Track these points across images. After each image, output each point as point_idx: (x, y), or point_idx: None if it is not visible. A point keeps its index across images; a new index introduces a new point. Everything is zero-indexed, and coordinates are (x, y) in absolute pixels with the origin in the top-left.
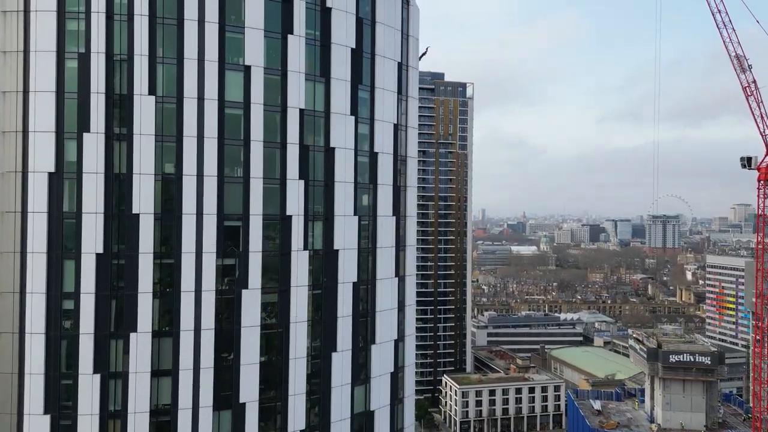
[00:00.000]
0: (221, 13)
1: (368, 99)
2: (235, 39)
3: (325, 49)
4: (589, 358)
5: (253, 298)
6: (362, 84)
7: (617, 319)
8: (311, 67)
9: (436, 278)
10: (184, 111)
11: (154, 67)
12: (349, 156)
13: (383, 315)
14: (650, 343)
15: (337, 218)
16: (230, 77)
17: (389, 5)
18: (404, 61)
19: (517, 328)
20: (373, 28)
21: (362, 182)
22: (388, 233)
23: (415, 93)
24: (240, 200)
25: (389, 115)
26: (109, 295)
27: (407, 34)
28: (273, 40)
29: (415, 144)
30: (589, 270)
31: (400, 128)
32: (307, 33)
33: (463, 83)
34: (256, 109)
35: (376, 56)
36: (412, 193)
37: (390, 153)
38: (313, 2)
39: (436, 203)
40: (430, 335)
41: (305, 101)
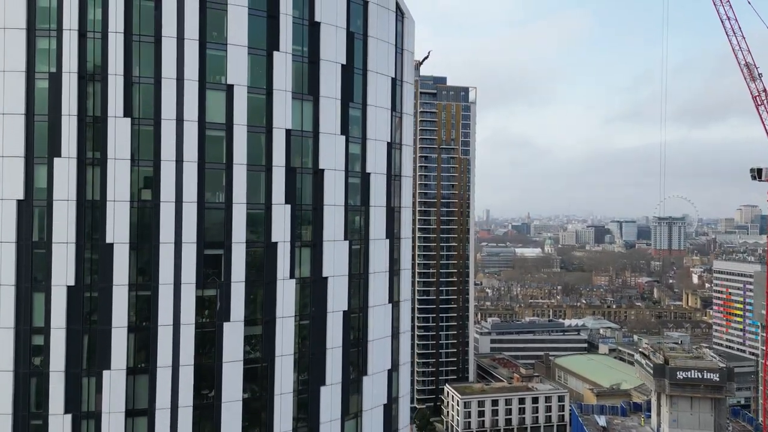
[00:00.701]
0: (202, 29)
1: (360, 117)
2: (216, 57)
3: (313, 66)
4: (594, 367)
5: (236, 330)
6: (353, 102)
7: (622, 325)
8: (299, 85)
9: (438, 285)
10: (162, 133)
11: (129, 87)
12: (340, 178)
13: (376, 344)
14: (657, 359)
15: (326, 244)
16: (212, 97)
17: (382, 19)
18: (398, 77)
19: (521, 334)
20: (365, 42)
21: (353, 204)
22: (381, 257)
23: (410, 109)
24: (222, 227)
25: (382, 133)
26: (81, 329)
27: (401, 48)
28: (258, 57)
29: (410, 162)
30: (593, 273)
31: (394, 146)
32: (294, 49)
33: (465, 87)
34: (240, 131)
35: (368, 72)
36: (406, 213)
37: (383, 173)
38: (300, 17)
39: (438, 209)
40: (433, 343)
41: (292, 121)
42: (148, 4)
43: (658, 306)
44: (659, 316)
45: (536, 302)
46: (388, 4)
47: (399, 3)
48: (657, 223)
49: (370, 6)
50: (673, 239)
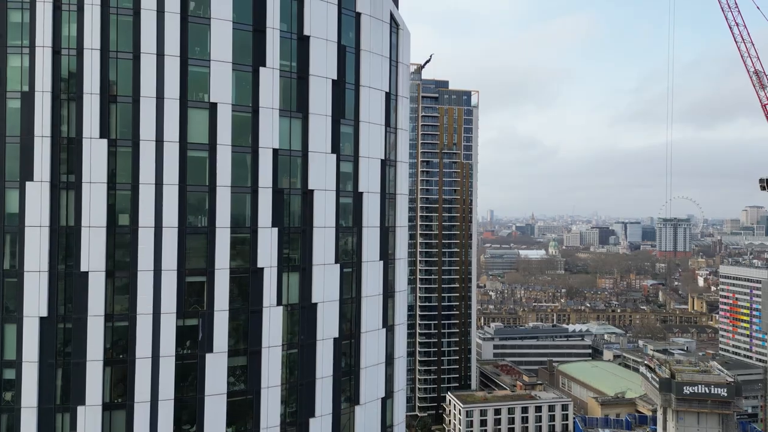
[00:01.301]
0: (183, 45)
1: (352, 134)
2: (199, 74)
3: (302, 82)
4: (599, 374)
5: (219, 362)
6: (345, 118)
7: (627, 330)
8: (287, 102)
9: (441, 292)
10: (141, 155)
11: (106, 106)
12: (330, 198)
13: (369, 371)
14: (663, 373)
15: (315, 268)
16: (194, 116)
17: (376, 31)
18: (393, 91)
19: (525, 340)
20: (357, 56)
21: (345, 225)
22: (374, 280)
23: (406, 124)
24: (204, 253)
25: (376, 150)
26: (55, 363)
27: (396, 61)
28: (243, 73)
29: (405, 179)
30: (598, 275)
31: (388, 164)
32: (282, 65)
33: (467, 91)
34: (223, 151)
35: (360, 87)
36: (402, 233)
37: (377, 192)
38: (288, 31)
39: (440, 214)
40: (434, 350)
41: (280, 140)
42: (126, 19)
43: (664, 310)
44: (664, 320)
45: (540, 306)
46: (382, 15)
47: (394, 14)
48: (662, 224)
49: (363, 18)
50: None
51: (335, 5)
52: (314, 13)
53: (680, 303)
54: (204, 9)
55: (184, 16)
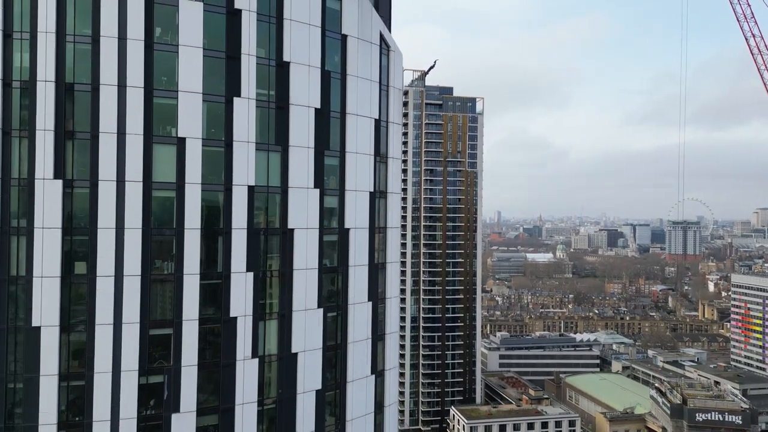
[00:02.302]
0: (148, 75)
1: (337, 166)
2: (165, 106)
3: (281, 112)
4: (607, 388)
5: (186, 423)
6: (329, 149)
7: (636, 339)
8: (264, 134)
9: (445, 303)
10: (99, 197)
11: (61, 144)
12: (313, 237)
13: (355, 423)
14: (674, 398)
15: (296, 314)
16: (159, 153)
17: (364, 54)
18: (383, 117)
19: (531, 350)
20: (343, 82)
21: (329, 266)
22: (362, 323)
23: (398, 152)
24: (170, 302)
25: (364, 182)
26: (4, 427)
27: (387, 85)
28: (215, 104)
29: (397, 211)
30: (606, 280)
31: (378, 196)
32: (259, 94)
33: (472, 98)
34: (192, 191)
35: (347, 115)
36: (394, 269)
37: (365, 227)
38: (266, 57)
39: (444, 224)
40: (438, 363)
41: (256, 176)
42: (83, 47)
43: (673, 317)
44: (674, 328)
45: (547, 312)
46: (371, 37)
47: (384, 35)
48: (672, 227)
49: (350, 41)
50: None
51: (318, 28)
52: (295, 37)
53: (690, 309)
54: (171, 35)
55: (149, 43)
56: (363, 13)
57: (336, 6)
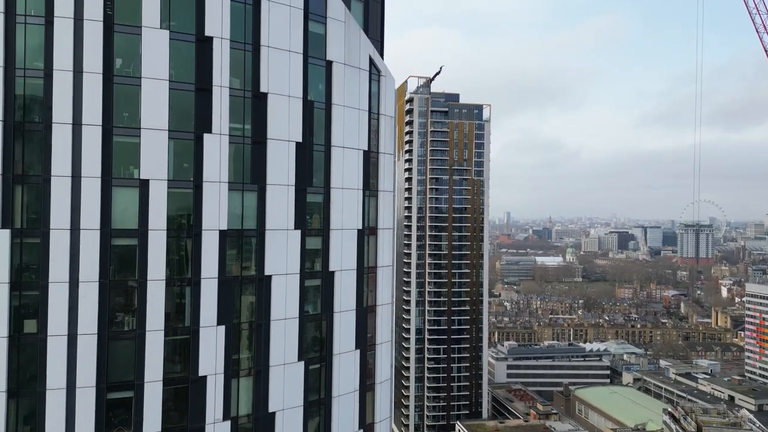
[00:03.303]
0: (107, 111)
1: (321, 204)
2: (126, 145)
3: (258, 148)
4: (617, 401)
5: None
6: (312, 186)
7: (648, 348)
8: (239, 172)
9: (450, 314)
10: (51, 248)
11: (9, 190)
12: (293, 283)
13: None
14: (688, 425)
15: (273, 369)
16: (120, 196)
17: (351, 81)
18: (373, 148)
19: (539, 360)
20: (327, 112)
21: (312, 313)
22: (348, 374)
23: (390, 184)
24: (131, 363)
25: (351, 220)
26: None
27: (377, 113)
28: (183, 142)
29: (389, 247)
30: (617, 284)
31: (368, 233)
32: (233, 129)
33: (479, 105)
34: (157, 238)
35: (332, 148)
36: (385, 312)
37: (352, 268)
38: (241, 88)
39: (450, 234)
40: (444, 376)
41: (229, 219)
42: (35, 81)
43: (686, 323)
44: (687, 337)
45: (556, 318)
46: (359, 62)
47: (374, 59)
48: (684, 230)
49: (335, 67)
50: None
51: (300, 54)
52: (273, 66)
53: (703, 316)
54: (134, 67)
55: (108, 76)
56: (350, 36)
57: (320, 30)
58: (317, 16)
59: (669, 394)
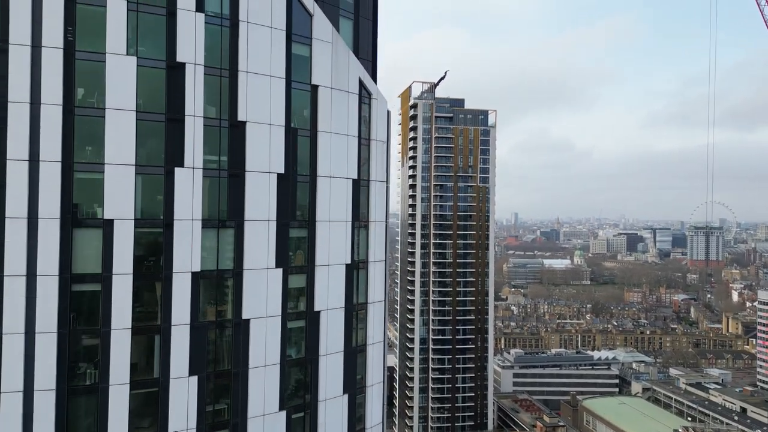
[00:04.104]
0: (67, 146)
1: (306, 238)
2: (89, 182)
3: (236, 181)
4: (626, 413)
5: None
6: (296, 219)
7: (657, 355)
8: (213, 208)
9: (455, 324)
10: (5, 296)
11: None
12: (274, 326)
13: None
14: None
15: (252, 421)
16: (82, 238)
17: (339, 106)
18: (363, 176)
19: (546, 368)
20: (313, 140)
21: (295, 357)
22: (335, 423)
23: (381, 214)
24: (93, 419)
25: (339, 254)
26: None
27: (368, 139)
28: (151, 177)
29: (381, 282)
30: (626, 288)
31: (358, 267)
32: (208, 161)
33: (484, 110)
34: (122, 283)
35: (318, 179)
36: (376, 352)
37: (340, 306)
38: (216, 117)
39: (455, 242)
40: (448, 387)
41: (202, 260)
42: None
43: (696, 329)
44: (697, 344)
45: (564, 324)
46: (348, 85)
47: (364, 82)
48: (693, 232)
49: (321, 92)
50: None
51: (282, 79)
52: (253, 92)
53: (714, 321)
54: (98, 97)
55: (69, 107)
56: (338, 58)
57: (304, 52)
58: (301, 37)
59: (679, 405)
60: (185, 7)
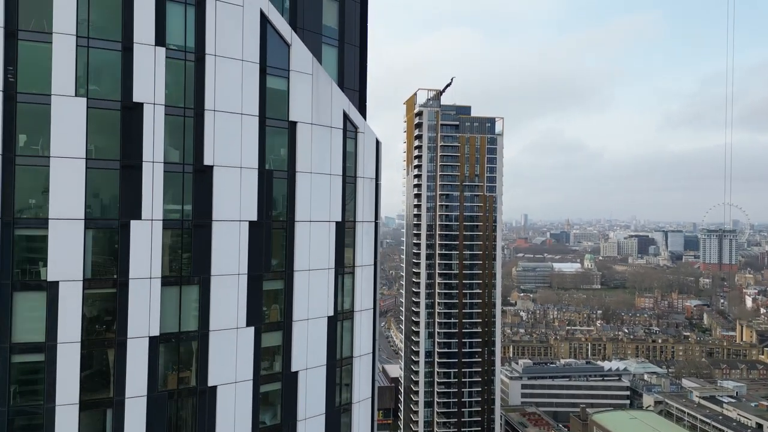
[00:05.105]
0: (6, 200)
1: (282, 291)
2: (32, 239)
3: (201, 233)
4: (638, 429)
5: None
6: (270, 272)
7: (669, 365)
8: (175, 264)
9: (462, 336)
10: None
11: None
12: (244, 392)
13: None
14: None
15: None
16: (22, 302)
17: (320, 143)
18: (349, 217)
19: (556, 379)
20: (291, 182)
21: (269, 424)
22: None
23: (369, 257)
24: None
25: (319, 306)
26: None
27: (353, 176)
28: (103, 232)
29: (369, 333)
30: (637, 293)
31: (341, 320)
32: (169, 212)
33: (491, 118)
34: (68, 352)
35: (295, 224)
36: (363, 409)
37: (321, 364)
38: (179, 161)
39: (461, 252)
40: (454, 401)
41: (162, 322)
42: None
43: (709, 337)
44: (710, 353)
45: (573, 331)
46: (330, 120)
47: (349, 115)
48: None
49: (300, 129)
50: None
51: (255, 117)
52: (221, 133)
53: (727, 328)
54: (42, 144)
55: (9, 156)
56: (319, 91)
57: (281, 86)
58: (278, 69)
59: (692, 419)
60: (143, 41)
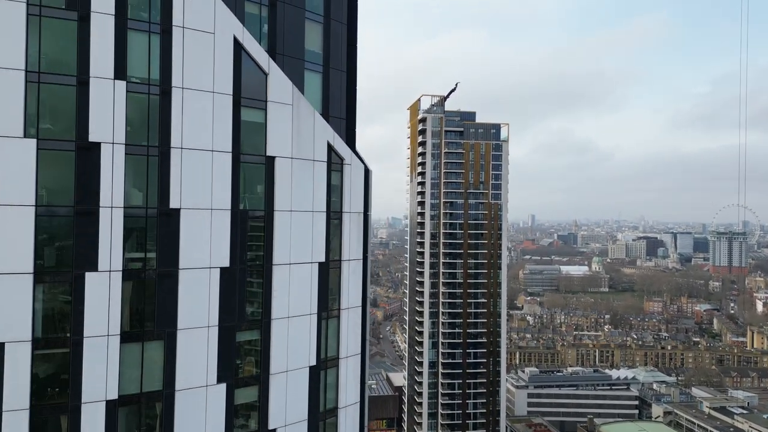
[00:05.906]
0: None
1: (258, 341)
2: None
3: (166, 282)
4: None
5: None
6: (247, 321)
7: (679, 372)
8: (136, 319)
9: (466, 347)
10: None
11: None
12: None
13: None
14: None
15: None
16: None
17: (302, 178)
18: (334, 256)
19: (562, 388)
20: (269, 223)
21: None
22: None
23: (357, 298)
24: None
25: (300, 356)
26: None
27: (339, 212)
28: (55, 286)
29: (356, 380)
30: (645, 297)
31: (325, 368)
32: (130, 261)
33: (496, 124)
34: (14, 421)
35: (273, 268)
36: None
37: (302, 420)
38: (142, 206)
39: (466, 261)
40: (459, 413)
41: (121, 384)
42: None
43: (719, 343)
44: (721, 360)
45: (581, 336)
46: (313, 152)
47: (334, 146)
48: (716, 237)
49: (279, 164)
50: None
51: (228, 153)
52: (189, 172)
53: (738, 334)
54: None
55: None
56: (300, 122)
57: (257, 118)
58: (253, 101)
59: (702, 431)
60: (100, 75)
